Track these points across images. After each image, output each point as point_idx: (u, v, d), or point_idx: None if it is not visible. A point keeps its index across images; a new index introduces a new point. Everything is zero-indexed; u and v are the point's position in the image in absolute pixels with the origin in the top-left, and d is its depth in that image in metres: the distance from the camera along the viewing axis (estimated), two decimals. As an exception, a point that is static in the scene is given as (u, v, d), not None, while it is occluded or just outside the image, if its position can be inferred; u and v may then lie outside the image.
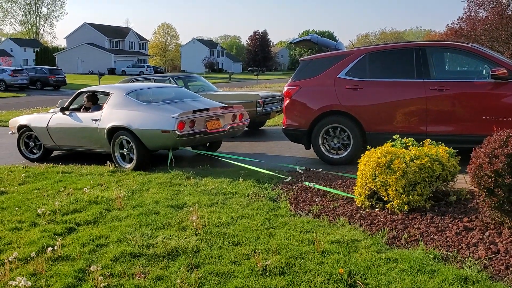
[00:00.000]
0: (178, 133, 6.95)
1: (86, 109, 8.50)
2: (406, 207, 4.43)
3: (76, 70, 70.26)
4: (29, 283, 3.18)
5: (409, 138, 5.14)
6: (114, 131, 7.51)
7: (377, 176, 4.52)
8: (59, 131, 8.28)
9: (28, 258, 3.80)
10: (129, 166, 7.39)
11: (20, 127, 8.84)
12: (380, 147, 4.88)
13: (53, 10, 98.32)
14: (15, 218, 4.97)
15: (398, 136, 5.23)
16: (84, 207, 5.23)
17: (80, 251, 3.96)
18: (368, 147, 5.14)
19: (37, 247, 4.04)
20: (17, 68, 37.09)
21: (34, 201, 5.60)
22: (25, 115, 9.45)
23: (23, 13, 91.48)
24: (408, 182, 4.41)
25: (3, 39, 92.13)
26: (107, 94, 8.03)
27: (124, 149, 7.52)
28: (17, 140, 8.94)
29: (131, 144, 7.36)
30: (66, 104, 8.50)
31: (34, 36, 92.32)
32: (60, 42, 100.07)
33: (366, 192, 4.74)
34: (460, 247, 3.68)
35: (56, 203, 5.29)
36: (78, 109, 8.62)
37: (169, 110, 7.27)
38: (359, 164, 4.93)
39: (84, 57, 72.41)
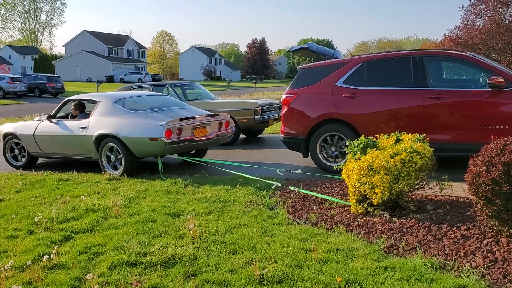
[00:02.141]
0: (165, 140, 7.04)
1: (73, 117, 8.54)
2: (387, 194, 4.45)
3: (75, 78, 70.28)
4: (25, 291, 3.17)
5: (369, 138, 5.26)
6: (101, 139, 7.56)
7: (362, 178, 4.58)
8: (46, 139, 8.29)
9: (24, 266, 3.78)
10: (116, 172, 7.44)
11: (6, 135, 8.85)
12: (359, 155, 4.98)
13: (52, 18, 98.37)
14: (11, 225, 4.95)
15: (350, 141, 5.41)
16: (81, 215, 5.21)
17: (76, 259, 3.94)
18: (348, 154, 5.17)
19: (33, 255, 4.02)
20: (15, 76, 37.09)
21: (31, 208, 5.58)
22: (10, 123, 9.43)
23: (21, 20, 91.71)
24: (393, 177, 4.48)
25: (1, 46, 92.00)
26: (94, 102, 8.07)
27: (112, 156, 7.56)
28: (2, 147, 8.94)
29: (119, 151, 7.41)
30: (53, 112, 8.51)
31: (33, 43, 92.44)
32: (59, 50, 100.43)
33: (356, 197, 4.79)
34: (458, 255, 3.67)
35: (53, 210, 5.27)
36: (65, 117, 8.65)
37: (157, 118, 7.35)
38: (342, 174, 5.00)
39: (83, 65, 72.49)
